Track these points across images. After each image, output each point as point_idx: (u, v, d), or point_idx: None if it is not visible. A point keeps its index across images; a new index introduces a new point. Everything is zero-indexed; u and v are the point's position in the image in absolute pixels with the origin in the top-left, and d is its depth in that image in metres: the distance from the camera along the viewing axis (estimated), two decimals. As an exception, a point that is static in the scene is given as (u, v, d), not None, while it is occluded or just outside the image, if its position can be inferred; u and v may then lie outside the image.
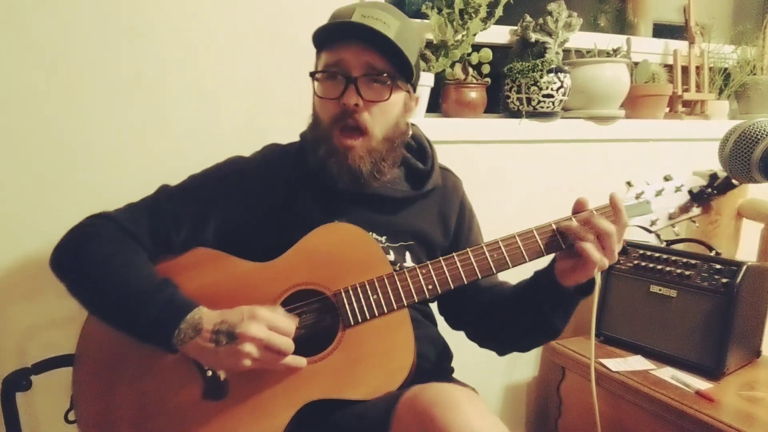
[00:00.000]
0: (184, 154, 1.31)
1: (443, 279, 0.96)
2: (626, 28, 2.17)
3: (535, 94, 1.62)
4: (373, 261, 0.98)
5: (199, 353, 0.89)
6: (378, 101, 0.97)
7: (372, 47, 0.95)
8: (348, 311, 0.95)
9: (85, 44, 1.24)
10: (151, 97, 1.30)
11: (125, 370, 0.95)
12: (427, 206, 1.11)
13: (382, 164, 1.01)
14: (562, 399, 1.69)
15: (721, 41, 2.05)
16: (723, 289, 1.41)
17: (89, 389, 0.96)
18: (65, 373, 1.09)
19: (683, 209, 1.00)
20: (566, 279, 0.96)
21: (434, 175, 1.11)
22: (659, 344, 1.53)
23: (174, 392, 0.94)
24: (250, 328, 0.86)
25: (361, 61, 0.95)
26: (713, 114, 2.01)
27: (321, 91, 1.00)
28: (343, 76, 0.96)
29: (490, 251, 0.96)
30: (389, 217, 1.07)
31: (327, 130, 0.99)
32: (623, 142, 1.85)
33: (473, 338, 1.16)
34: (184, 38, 1.31)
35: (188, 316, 0.88)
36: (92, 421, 0.95)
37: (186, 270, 0.99)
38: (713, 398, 1.33)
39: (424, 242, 1.10)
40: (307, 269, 0.98)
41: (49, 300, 1.25)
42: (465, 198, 1.19)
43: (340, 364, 0.94)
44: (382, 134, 1.00)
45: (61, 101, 1.24)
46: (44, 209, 1.25)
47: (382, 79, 0.97)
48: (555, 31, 1.67)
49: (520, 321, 1.04)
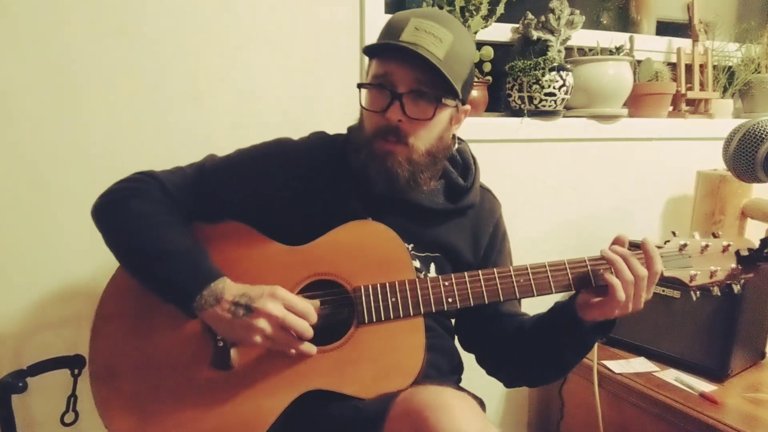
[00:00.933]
0: (179, 155, 1.30)
1: (464, 294, 0.96)
2: (629, 25, 2.17)
3: (537, 93, 1.62)
4: (398, 264, 0.99)
5: (215, 321, 0.92)
6: (421, 119, 0.97)
7: (420, 65, 0.94)
8: (364, 308, 0.96)
9: (77, 41, 1.24)
10: (145, 97, 1.30)
11: (144, 321, 0.99)
12: (461, 223, 1.11)
13: (420, 176, 1.01)
14: (564, 401, 1.68)
15: (725, 39, 2.05)
16: (727, 290, 1.40)
17: (106, 328, 0.99)
18: (61, 375, 1.09)
19: (731, 273, 0.98)
20: (586, 312, 0.95)
21: (473, 193, 1.11)
22: (662, 346, 1.53)
23: (184, 352, 0.97)
24: (267, 304, 0.89)
25: (409, 77, 0.95)
26: (717, 113, 2.01)
27: (367, 102, 1.01)
28: (390, 90, 0.96)
29: (516, 276, 0.96)
30: (421, 227, 1.07)
31: (369, 138, 1.00)
32: (626, 141, 1.84)
33: (483, 363, 1.15)
34: (179, 36, 1.31)
35: (212, 284, 0.91)
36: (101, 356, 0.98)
37: (216, 240, 1.02)
38: (717, 400, 1.33)
39: (452, 257, 1.09)
40: (332, 260, 1.00)
41: (45, 302, 1.25)
42: (501, 220, 1.18)
43: (346, 358, 0.95)
44: (425, 148, 1.00)
45: (51, 100, 1.23)
46: (38, 210, 1.25)
47: (427, 98, 0.96)
48: (557, 29, 1.66)
49: (534, 352, 1.03)
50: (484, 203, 1.15)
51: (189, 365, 0.96)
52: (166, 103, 1.32)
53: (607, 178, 1.82)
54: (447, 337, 1.13)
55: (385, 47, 0.96)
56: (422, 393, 0.83)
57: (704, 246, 0.98)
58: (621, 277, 0.91)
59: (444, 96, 0.97)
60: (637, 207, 1.88)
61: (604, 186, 1.82)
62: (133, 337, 0.98)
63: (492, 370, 1.14)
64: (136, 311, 0.99)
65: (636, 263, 0.92)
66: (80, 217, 1.02)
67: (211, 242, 1.01)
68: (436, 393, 0.82)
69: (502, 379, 1.14)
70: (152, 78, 1.30)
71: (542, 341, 1.01)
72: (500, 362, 1.12)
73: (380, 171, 0.99)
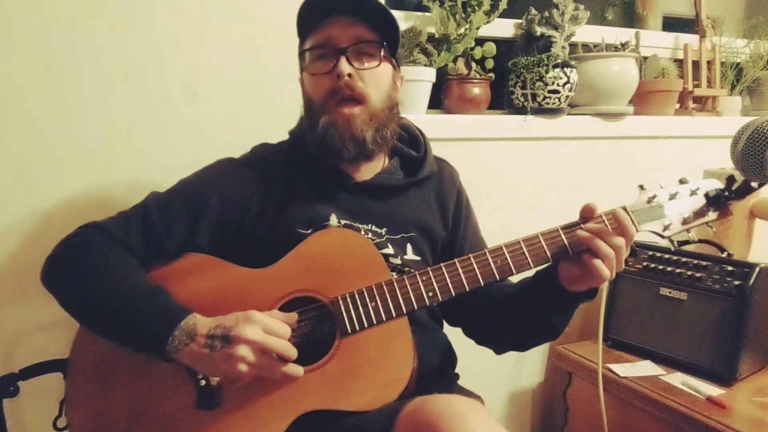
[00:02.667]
0: (175, 152, 1.30)
1: (444, 286, 0.96)
2: (635, 21, 2.17)
3: (540, 90, 1.62)
4: (372, 267, 0.98)
5: (193, 360, 0.89)
6: (370, 68, 1.01)
7: (357, 19, 1.00)
8: (345, 319, 0.94)
9: (70, 36, 1.23)
10: (141, 93, 1.30)
11: (119, 375, 0.96)
12: (424, 195, 1.14)
13: (385, 130, 1.03)
14: (568, 405, 1.68)
15: (733, 35, 2.05)
16: (735, 291, 1.41)
17: (82, 392, 0.96)
18: (54, 378, 1.09)
19: (699, 214, 0.99)
20: (571, 285, 0.97)
21: (428, 163, 1.14)
22: (669, 349, 1.53)
23: (167, 400, 0.94)
24: (245, 330, 0.86)
25: (349, 33, 1.00)
26: (725, 110, 2.01)
27: (312, 70, 1.03)
28: (333, 49, 1.00)
29: (493, 257, 0.96)
30: (389, 208, 1.09)
31: (323, 105, 1.02)
32: (632, 139, 1.84)
33: (470, 335, 1.18)
34: (175, 31, 1.31)
35: (182, 322, 0.89)
36: (83, 425, 0.95)
37: (179, 276, 0.99)
38: (725, 405, 1.33)
39: (425, 232, 1.11)
40: (304, 275, 0.97)
41: (36, 303, 1.25)
42: (462, 188, 1.21)
43: (336, 373, 0.93)
44: (380, 101, 1.03)
45: (44, 97, 1.23)
46: (29, 211, 1.24)
47: (371, 49, 1.01)
48: (561, 25, 1.66)
49: (519, 319, 1.06)
50: (443, 173, 1.18)
51: (174, 412, 0.93)
52: (161, 99, 1.31)
53: (612, 177, 1.82)
54: (437, 328, 1.14)
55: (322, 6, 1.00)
56: (431, 403, 0.82)
57: (673, 194, 0.99)
58: (601, 254, 0.91)
59: (385, 47, 1.02)
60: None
61: (609, 185, 1.82)
62: (110, 394, 0.95)
63: (480, 339, 1.17)
64: (108, 365, 0.96)
65: (612, 235, 0.92)
66: (71, 216, 1.02)
67: (174, 280, 0.97)
68: (447, 401, 0.82)
69: (491, 347, 1.16)
70: (147, 74, 1.29)
71: (527, 309, 1.04)
72: (488, 331, 1.15)
73: (343, 137, 1.01)
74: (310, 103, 1.05)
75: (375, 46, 1.01)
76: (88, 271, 0.95)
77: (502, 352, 1.16)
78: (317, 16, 1.02)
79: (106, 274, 0.94)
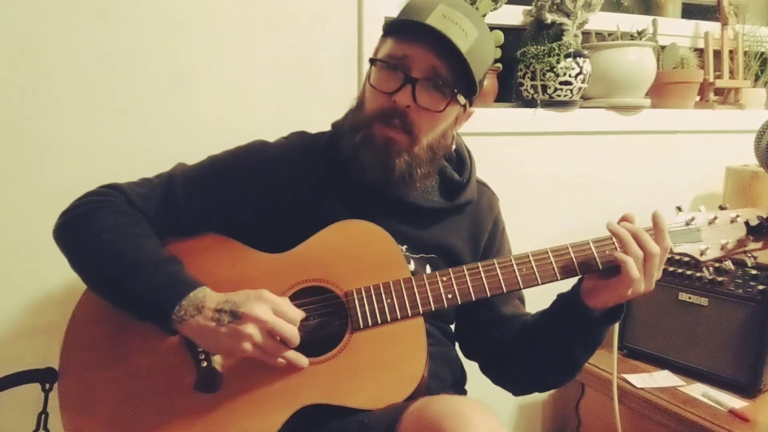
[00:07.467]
0: (162, 148, 1.31)
1: (464, 289, 0.97)
2: (652, 8, 2.16)
3: (551, 81, 1.62)
4: (391, 263, 0.99)
5: (198, 333, 0.90)
6: (431, 110, 0.98)
7: (442, 53, 0.95)
8: (358, 313, 0.96)
9: (53, 25, 1.23)
10: (127, 85, 1.30)
11: (118, 348, 0.97)
12: (458, 221, 1.12)
13: (417, 170, 1.01)
14: (581, 418, 1.68)
15: (757, 23, 2.05)
16: (759, 296, 1.41)
17: (76, 364, 0.98)
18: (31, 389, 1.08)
19: (739, 243, 1.00)
20: (593, 299, 0.96)
21: (469, 189, 1.12)
22: (689, 358, 1.53)
23: (165, 378, 0.96)
24: (255, 308, 0.88)
25: (427, 63, 0.96)
26: (748, 103, 2.01)
27: (375, 80, 1.01)
28: (404, 73, 0.96)
29: (518, 265, 0.97)
30: (416, 227, 1.08)
31: (369, 119, 1.01)
32: (649, 134, 1.84)
33: (487, 371, 1.16)
34: (163, 20, 1.31)
35: (191, 293, 0.91)
36: (73, 395, 0.96)
37: (193, 254, 1.01)
38: (748, 418, 1.33)
39: (449, 258, 1.10)
40: (320, 265, 0.99)
41: (13, 311, 1.25)
42: (499, 216, 1.20)
43: (343, 368, 0.95)
44: (427, 142, 1.01)
45: (25, 89, 1.23)
46: (8, 209, 1.24)
47: (442, 89, 0.97)
48: (573, 12, 1.66)
49: (539, 351, 1.04)
50: (482, 199, 1.16)
51: (171, 392, 0.95)
52: (147, 91, 1.32)
53: (627, 174, 1.82)
54: (448, 344, 1.14)
55: (411, 26, 0.96)
56: (436, 403, 0.83)
57: (712, 218, 1.01)
58: (631, 253, 0.92)
59: (459, 91, 0.98)
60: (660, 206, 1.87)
61: (624, 183, 1.82)
62: (107, 368, 0.96)
63: (497, 377, 1.15)
64: (107, 340, 0.97)
65: (647, 238, 0.93)
66: (54, 218, 1.01)
67: (187, 256, 0.99)
68: (452, 402, 0.83)
69: (508, 387, 1.15)
70: (132, 64, 1.30)
71: (547, 337, 1.02)
72: (505, 367, 1.13)
73: (376, 158, 1.00)
74: (361, 107, 1.04)
75: (447, 86, 0.97)
76: (102, 229, 0.96)
77: (520, 392, 1.16)
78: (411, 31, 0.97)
79: (121, 235, 0.96)
